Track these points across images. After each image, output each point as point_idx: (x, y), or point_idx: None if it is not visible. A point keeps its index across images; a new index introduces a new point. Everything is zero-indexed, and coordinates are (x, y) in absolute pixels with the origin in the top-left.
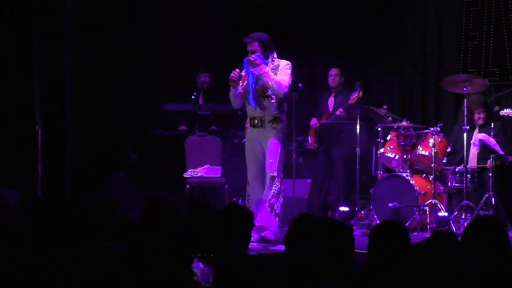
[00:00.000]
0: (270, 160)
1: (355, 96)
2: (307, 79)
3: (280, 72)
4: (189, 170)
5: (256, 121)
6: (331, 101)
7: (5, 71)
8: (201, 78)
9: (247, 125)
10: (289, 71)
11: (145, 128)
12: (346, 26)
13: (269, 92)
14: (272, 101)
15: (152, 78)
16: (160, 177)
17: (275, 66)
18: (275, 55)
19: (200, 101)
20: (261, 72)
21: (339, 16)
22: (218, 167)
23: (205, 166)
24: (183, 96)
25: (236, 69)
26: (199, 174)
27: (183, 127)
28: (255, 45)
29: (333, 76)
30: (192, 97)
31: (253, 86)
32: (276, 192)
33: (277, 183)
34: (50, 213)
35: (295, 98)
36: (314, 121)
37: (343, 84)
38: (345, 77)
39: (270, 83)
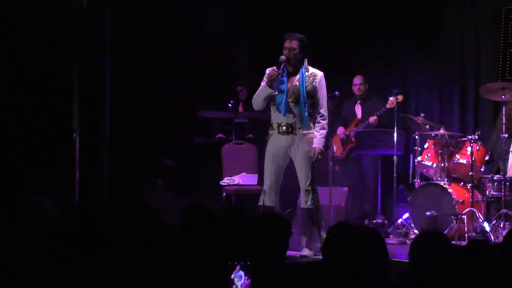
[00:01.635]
0: (304, 173)
1: (393, 99)
2: (345, 86)
3: (320, 94)
4: (226, 178)
5: (284, 127)
6: (358, 108)
7: (44, 78)
8: (238, 89)
9: (272, 131)
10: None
11: (183, 135)
12: (383, 32)
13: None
14: (302, 107)
15: (190, 85)
16: (197, 184)
17: (310, 74)
18: (306, 62)
19: (240, 109)
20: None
21: (376, 22)
22: (254, 175)
23: (242, 173)
24: (221, 104)
25: (274, 67)
26: (235, 182)
27: (220, 135)
28: (295, 44)
29: (358, 85)
30: (229, 105)
31: (285, 94)
32: (315, 207)
33: (313, 197)
34: (88, 220)
35: (333, 106)
36: (341, 130)
37: (369, 91)
38: (369, 84)
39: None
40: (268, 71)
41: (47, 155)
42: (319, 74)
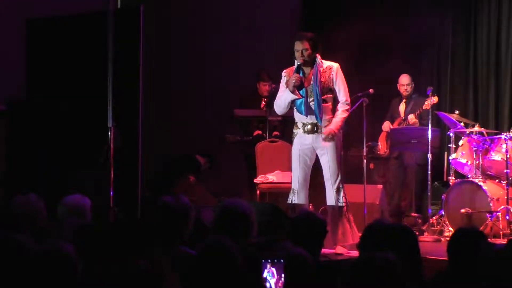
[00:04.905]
0: (333, 172)
1: (429, 102)
2: (380, 82)
3: (338, 85)
4: (260, 176)
5: (309, 126)
6: (402, 106)
7: (78, 78)
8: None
9: (297, 130)
10: (343, 79)
11: (217, 133)
12: (418, 28)
13: (324, 97)
14: (327, 104)
15: (224, 84)
16: (232, 182)
17: (326, 68)
18: (319, 58)
19: (261, 106)
20: (339, 128)
21: (411, 18)
22: (289, 172)
23: (276, 171)
24: (254, 102)
25: (297, 74)
26: (269, 180)
27: (257, 131)
28: (307, 44)
29: (406, 86)
30: (263, 102)
31: (305, 95)
32: (346, 205)
33: (343, 196)
34: (124, 218)
35: (366, 104)
36: (387, 124)
37: (414, 89)
38: (417, 83)
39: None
40: (284, 73)
41: (81, 155)
42: (335, 65)
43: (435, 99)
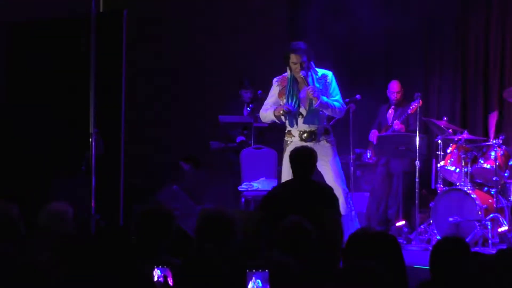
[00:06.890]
0: (338, 177)
1: (414, 106)
2: (366, 89)
3: (333, 91)
4: (244, 183)
5: (306, 134)
6: (390, 113)
7: (60, 82)
8: (258, 92)
9: (291, 137)
10: (337, 86)
11: (201, 139)
12: (406, 35)
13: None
14: (321, 113)
15: (208, 90)
16: (216, 190)
17: (321, 76)
18: (313, 65)
19: (244, 113)
20: (323, 104)
21: (399, 25)
22: (274, 179)
23: (261, 178)
24: (237, 109)
25: (282, 109)
26: (254, 187)
27: (242, 138)
28: (304, 57)
29: (395, 93)
30: (248, 109)
31: (304, 105)
32: (353, 207)
33: (350, 198)
34: (106, 227)
35: (353, 110)
36: (374, 133)
37: (403, 96)
38: (404, 89)
39: (329, 110)
40: (275, 82)
41: (62, 161)
42: (330, 73)
43: (419, 103)
